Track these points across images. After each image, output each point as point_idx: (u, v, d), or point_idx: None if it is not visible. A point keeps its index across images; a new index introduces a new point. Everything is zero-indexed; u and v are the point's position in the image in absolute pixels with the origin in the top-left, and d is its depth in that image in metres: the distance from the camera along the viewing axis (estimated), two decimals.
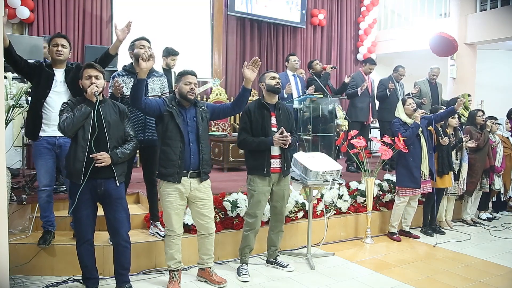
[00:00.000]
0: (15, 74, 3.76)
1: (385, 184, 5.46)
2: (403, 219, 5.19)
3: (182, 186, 3.33)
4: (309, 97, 5.56)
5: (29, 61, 3.45)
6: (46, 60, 4.05)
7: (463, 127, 5.81)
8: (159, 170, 3.38)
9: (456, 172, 5.47)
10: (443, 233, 5.35)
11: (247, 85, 3.47)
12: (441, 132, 5.20)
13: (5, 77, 3.57)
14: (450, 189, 5.42)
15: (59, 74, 3.49)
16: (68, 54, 3.54)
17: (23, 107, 3.85)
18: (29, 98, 3.90)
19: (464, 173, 5.53)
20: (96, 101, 3.02)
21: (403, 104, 4.99)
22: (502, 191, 6.24)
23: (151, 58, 3.15)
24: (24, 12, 6.10)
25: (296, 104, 5.59)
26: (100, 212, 3.21)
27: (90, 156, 2.95)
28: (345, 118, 6.01)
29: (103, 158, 2.97)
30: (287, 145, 3.67)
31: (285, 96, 5.58)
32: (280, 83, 3.83)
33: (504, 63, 9.73)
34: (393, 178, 5.37)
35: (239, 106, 3.56)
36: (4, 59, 3.26)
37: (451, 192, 5.47)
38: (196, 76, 3.42)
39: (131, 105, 3.39)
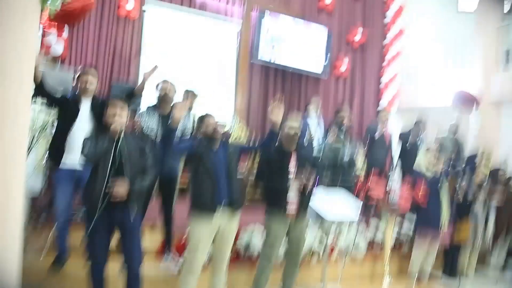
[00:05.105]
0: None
1: (404, 230, 5.39)
2: (423, 262, 5.01)
3: (213, 221, 3.34)
4: (328, 145, 5.56)
5: (56, 96, 3.60)
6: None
7: (485, 184, 5.72)
8: (192, 207, 3.41)
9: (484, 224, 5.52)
10: (466, 276, 5.25)
11: (274, 128, 3.56)
12: (457, 188, 5.14)
13: (35, 102, 3.68)
14: (478, 240, 5.42)
15: (85, 105, 3.61)
16: (95, 87, 3.68)
17: (47, 132, 3.96)
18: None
19: (490, 225, 5.58)
20: (118, 135, 3.08)
21: (425, 155, 4.99)
22: None
23: (183, 108, 3.35)
24: (58, 50, 6.33)
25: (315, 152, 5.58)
26: (114, 242, 3.20)
27: (106, 191, 2.98)
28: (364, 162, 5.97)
29: (120, 192, 2.98)
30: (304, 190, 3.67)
31: (305, 144, 5.60)
32: (298, 134, 3.85)
33: None
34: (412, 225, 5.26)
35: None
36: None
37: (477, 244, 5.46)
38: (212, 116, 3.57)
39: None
